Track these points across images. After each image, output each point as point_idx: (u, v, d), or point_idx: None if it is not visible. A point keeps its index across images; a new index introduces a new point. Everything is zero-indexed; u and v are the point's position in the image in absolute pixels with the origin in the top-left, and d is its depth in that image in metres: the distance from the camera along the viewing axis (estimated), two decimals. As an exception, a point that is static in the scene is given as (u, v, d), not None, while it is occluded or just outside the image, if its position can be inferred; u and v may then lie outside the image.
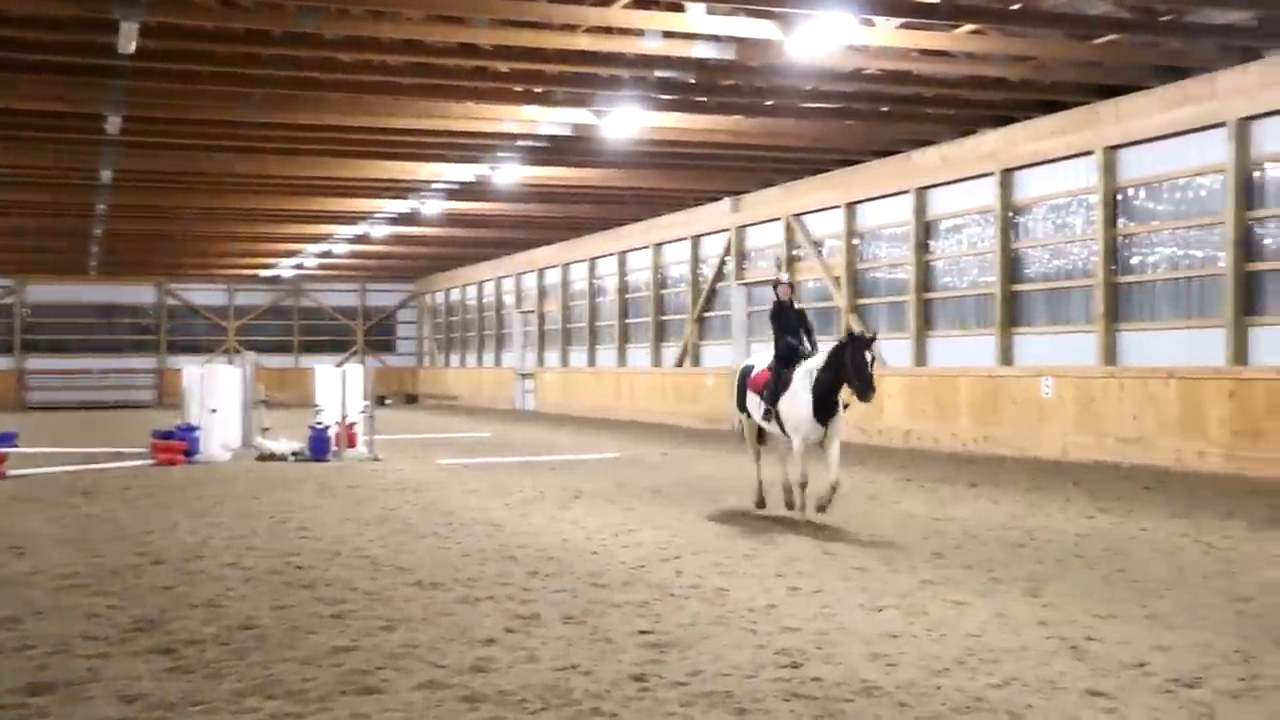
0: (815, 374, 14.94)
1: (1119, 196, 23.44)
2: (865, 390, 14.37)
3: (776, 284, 16.40)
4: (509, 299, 54.30)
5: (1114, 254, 23.44)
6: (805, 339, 15.68)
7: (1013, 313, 25.94)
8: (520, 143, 27.43)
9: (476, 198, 34.97)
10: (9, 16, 18.15)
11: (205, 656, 8.43)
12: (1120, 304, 23.41)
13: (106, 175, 29.97)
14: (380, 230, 42.09)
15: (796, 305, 16.44)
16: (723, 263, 37.02)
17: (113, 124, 23.50)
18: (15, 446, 23.25)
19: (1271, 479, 18.81)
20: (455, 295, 60.80)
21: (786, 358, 15.53)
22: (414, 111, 24.39)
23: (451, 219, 39.38)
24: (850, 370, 14.47)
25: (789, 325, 15.75)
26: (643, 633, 8.97)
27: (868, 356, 14.39)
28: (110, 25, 17.19)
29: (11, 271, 56.07)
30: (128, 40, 17.16)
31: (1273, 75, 20.11)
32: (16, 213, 36.66)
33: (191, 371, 27.23)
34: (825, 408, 14.79)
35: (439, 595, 10.52)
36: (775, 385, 15.44)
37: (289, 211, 38.85)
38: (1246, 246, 20.77)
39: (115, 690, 7.61)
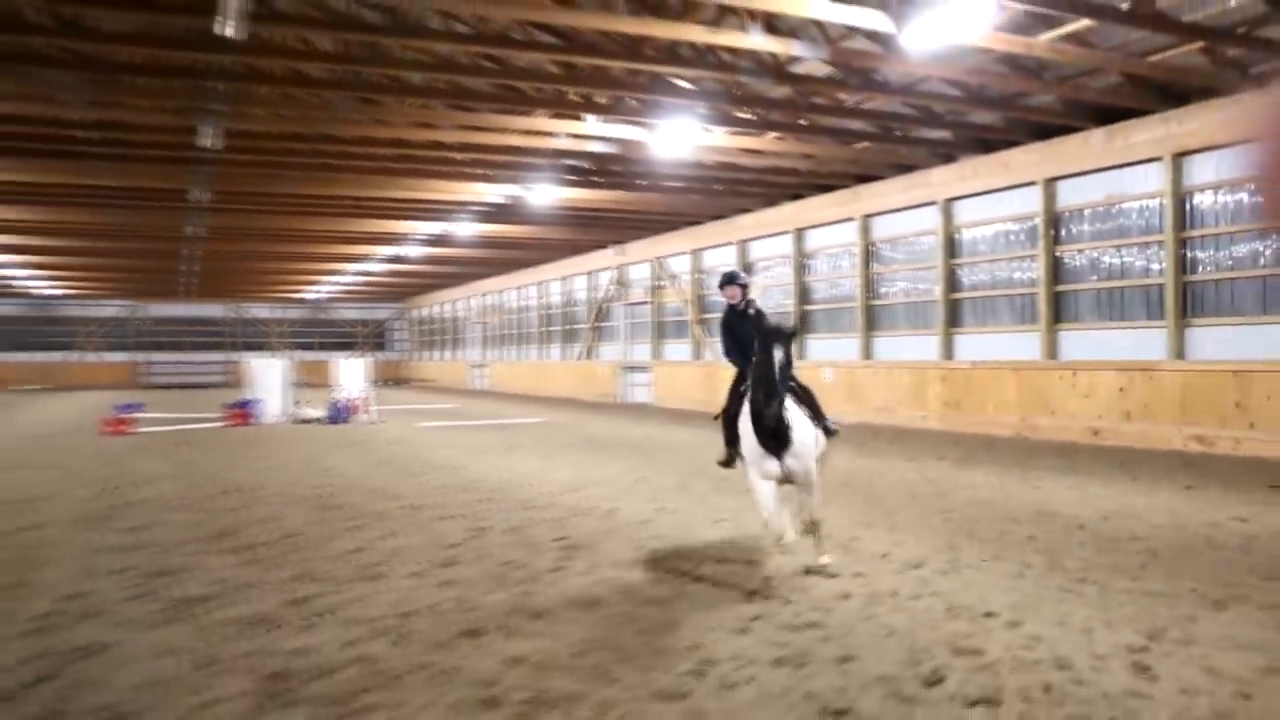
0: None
1: (871, 248, 23.85)
2: (764, 402, 7.34)
3: (723, 284, 8.53)
4: (465, 314, 54.07)
5: (869, 285, 23.83)
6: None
7: (808, 325, 26.26)
8: (471, 208, 27.28)
9: (444, 245, 34.72)
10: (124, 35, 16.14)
11: (264, 554, 8.44)
12: (873, 318, 23.82)
13: (200, 197, 25.48)
14: (379, 267, 41.73)
15: (758, 313, 8.40)
16: (609, 289, 37.08)
17: (206, 136, 18.85)
18: (136, 412, 23.10)
19: (969, 434, 19.30)
20: (431, 310, 60.39)
21: (738, 378, 8.34)
22: (399, 187, 24.18)
23: (428, 258, 39.01)
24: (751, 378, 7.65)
25: (741, 338, 8.22)
26: (558, 539, 9.06)
27: (774, 356, 7.37)
28: (210, 44, 14.60)
29: (133, 296, 55.07)
30: (233, 23, 13.16)
31: (966, 171, 20.67)
32: (131, 235, 33.35)
33: (251, 362, 27.38)
34: (775, 435, 7.49)
35: (421, 514, 10.53)
36: (729, 411, 8.27)
37: (332, 232, 33.59)
38: (952, 281, 21.28)
39: (207, 576, 7.63)
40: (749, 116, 18.69)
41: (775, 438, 7.44)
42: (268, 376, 25.53)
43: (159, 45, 15.96)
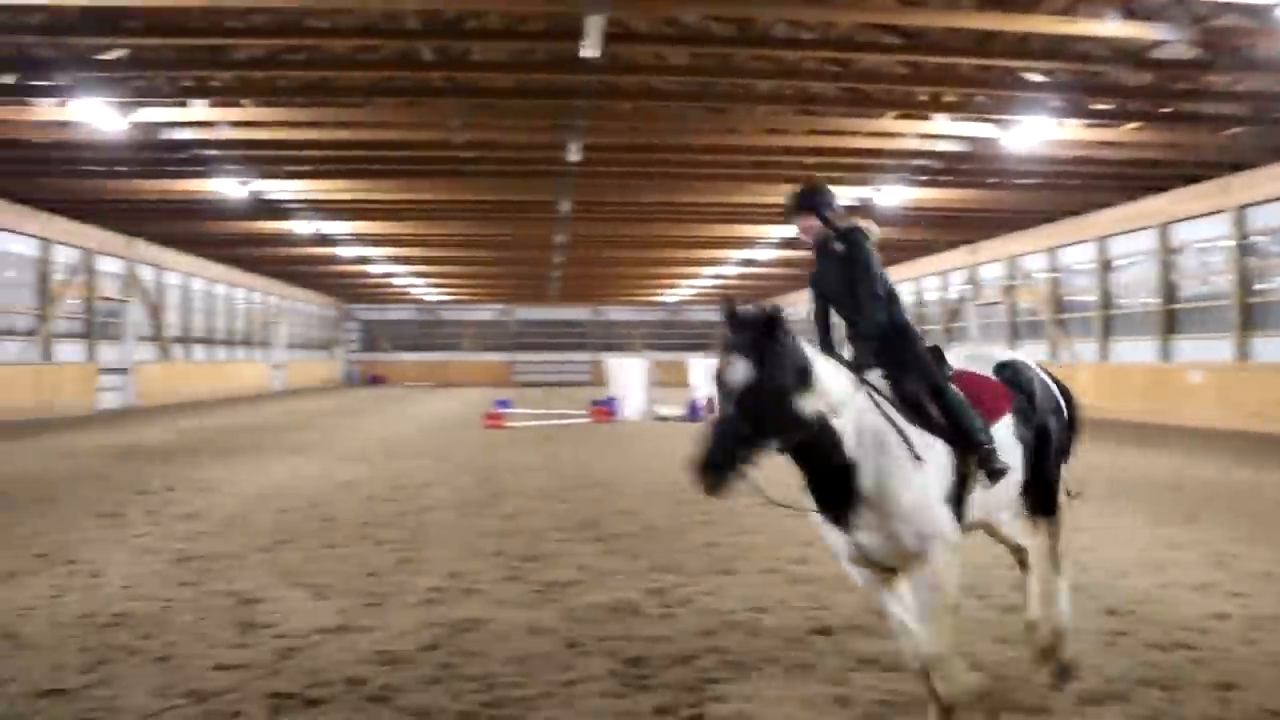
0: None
1: (1246, 242, 21.80)
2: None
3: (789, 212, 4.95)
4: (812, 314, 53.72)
5: (1245, 282, 21.81)
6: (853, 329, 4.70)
7: (1171, 323, 24.39)
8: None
9: (794, 248, 34.44)
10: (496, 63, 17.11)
11: (625, 545, 8.74)
12: (1250, 317, 21.76)
13: (565, 207, 26.39)
14: (732, 270, 42.33)
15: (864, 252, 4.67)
16: (961, 290, 35.89)
17: (571, 151, 19.53)
18: (509, 409, 24.53)
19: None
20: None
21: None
22: (750, 192, 24.42)
23: (779, 261, 38.70)
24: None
25: (828, 293, 4.95)
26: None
27: (779, 359, 3.91)
28: (573, 66, 14.99)
29: (506, 300, 58.90)
30: (593, 45, 13.42)
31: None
32: (503, 245, 35.70)
33: (612, 362, 28.51)
34: (833, 488, 4.24)
35: (772, 511, 10.55)
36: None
37: (686, 238, 33.65)
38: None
39: (573, 562, 8.00)
40: (1106, 107, 17.57)
41: (828, 488, 4.28)
42: (628, 376, 26.47)
43: (528, 70, 16.99)
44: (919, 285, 39.94)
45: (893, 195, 23.75)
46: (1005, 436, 4.65)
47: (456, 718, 4.71)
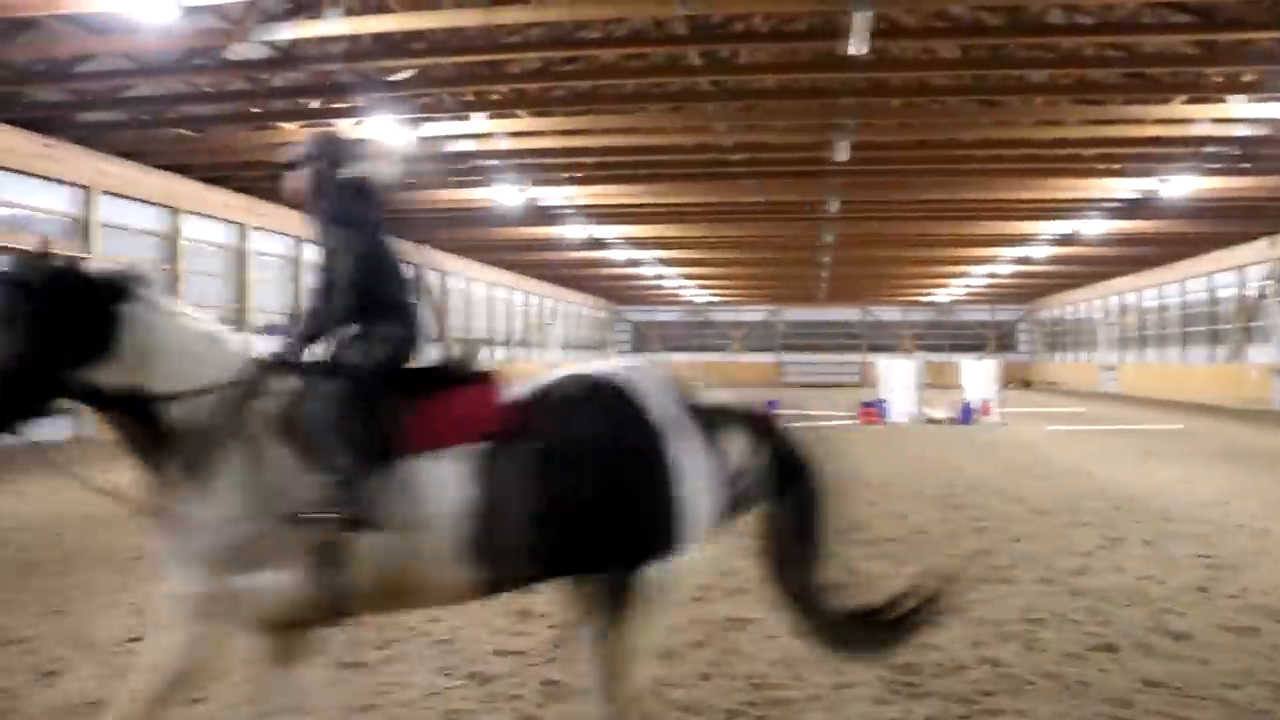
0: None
1: None
2: None
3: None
4: (1095, 314, 50.98)
5: None
6: None
7: None
8: (1101, 205, 25.68)
9: (1072, 244, 32.94)
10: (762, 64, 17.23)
11: (894, 549, 8.57)
12: None
13: (832, 207, 25.98)
14: (1004, 269, 40.79)
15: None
16: (1262, 286, 33.15)
17: (838, 150, 19.22)
18: (777, 409, 24.48)
19: None
20: (1058, 311, 57.80)
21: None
22: (1024, 187, 23.45)
23: (1055, 258, 37.17)
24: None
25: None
26: (1200, 556, 8.26)
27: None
28: (838, 64, 14.89)
29: (773, 301, 59.01)
30: (860, 42, 12.97)
31: None
32: (771, 246, 35.76)
33: (882, 363, 28.06)
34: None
35: (1048, 519, 10.12)
36: None
37: (957, 236, 32.68)
38: None
39: (841, 565, 7.88)
40: None
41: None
42: (897, 377, 25.99)
43: (792, 70, 16.93)
44: (1210, 281, 37.17)
45: (1181, 186, 22.19)
46: (432, 473, 3.43)
47: (724, 716, 4.75)
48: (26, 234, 17.78)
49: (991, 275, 43.85)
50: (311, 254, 22.82)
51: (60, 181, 18.50)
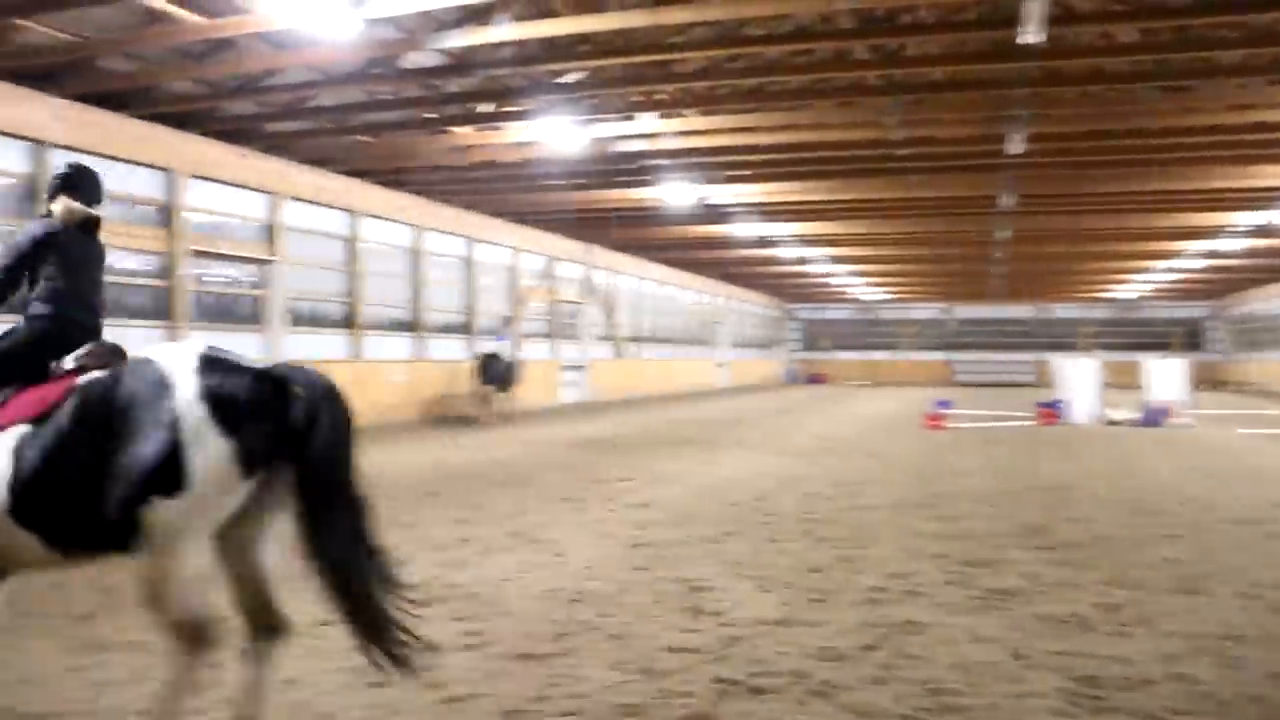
0: None
1: None
2: None
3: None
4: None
5: None
6: None
7: None
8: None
9: (1269, 235, 30.99)
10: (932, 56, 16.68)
11: (1074, 555, 8.23)
12: None
13: (1006, 201, 25.08)
14: (1192, 263, 38.73)
15: None
16: None
17: (1011, 143, 18.56)
18: (949, 409, 23.99)
19: None
20: (1253, 308, 54.57)
21: None
22: (1214, 176, 22.18)
23: (1249, 251, 34.76)
24: None
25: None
26: None
27: None
28: (1011, 53, 14.34)
29: (944, 298, 57.72)
30: (1034, 30, 12.60)
31: None
32: (942, 242, 34.78)
33: (1061, 362, 27.09)
34: None
35: (1248, 530, 9.55)
36: None
37: (1139, 229, 30.83)
38: None
39: (1018, 570, 7.63)
40: None
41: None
42: (1076, 376, 25.06)
43: (963, 61, 16.47)
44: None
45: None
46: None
47: (898, 720, 4.65)
48: (223, 239, 18.78)
49: (1177, 270, 41.77)
50: (483, 253, 23.64)
51: (252, 189, 19.43)
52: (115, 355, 4.36)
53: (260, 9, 13.10)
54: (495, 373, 23.11)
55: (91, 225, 4.93)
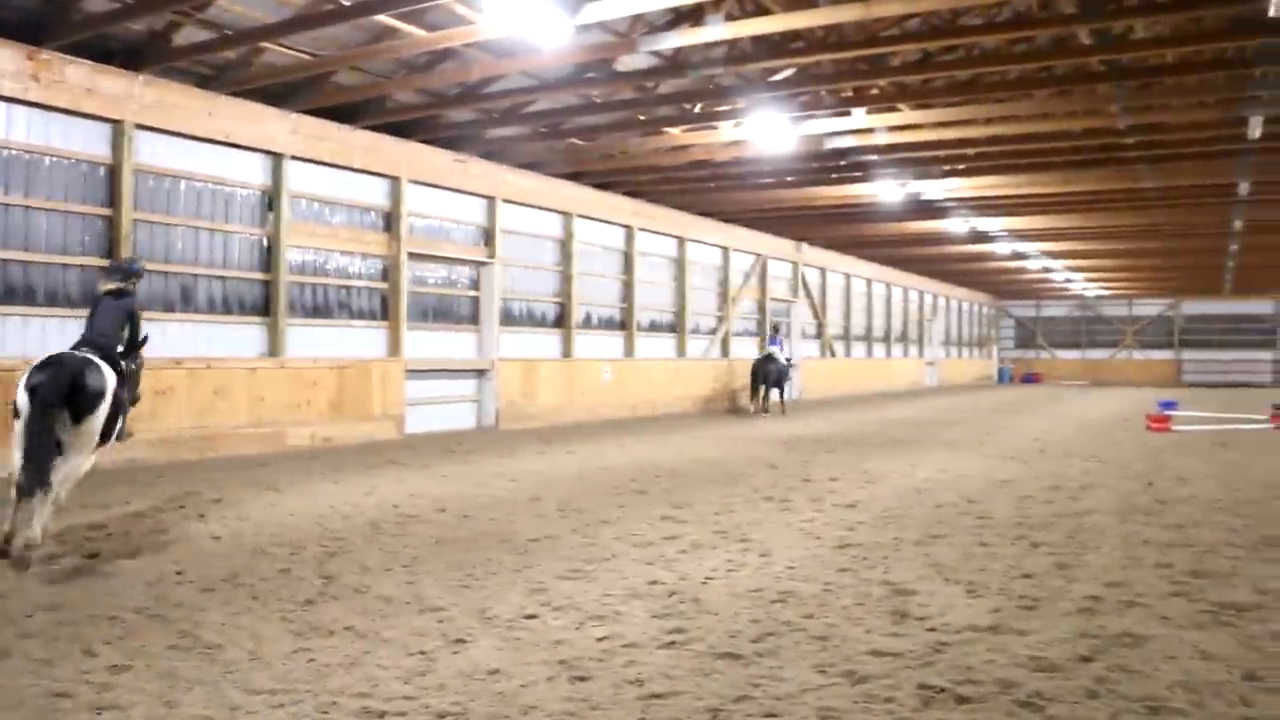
0: None
1: None
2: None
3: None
4: None
5: None
6: None
7: None
8: None
9: None
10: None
11: (1318, 569, 7.64)
12: None
13: (1244, 189, 23.47)
14: None
15: None
16: None
17: (1253, 127, 17.55)
18: (1175, 410, 22.78)
19: None
20: None
21: None
22: None
23: None
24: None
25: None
26: None
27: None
28: (1254, 29, 13.53)
29: (1172, 293, 54.61)
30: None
31: None
32: (1170, 234, 32.53)
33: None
34: None
35: None
36: None
37: None
38: None
39: (1252, 584, 7.13)
40: None
41: None
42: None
43: (1197, 41, 15.46)
44: None
45: None
46: None
47: (1114, 737, 4.42)
48: (444, 241, 19.56)
49: None
50: (694, 254, 23.88)
51: (470, 193, 20.15)
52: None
53: (481, 20, 13.55)
54: (770, 373, 26.04)
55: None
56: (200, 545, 8.30)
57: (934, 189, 24.12)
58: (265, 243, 16.18)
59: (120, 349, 8.06)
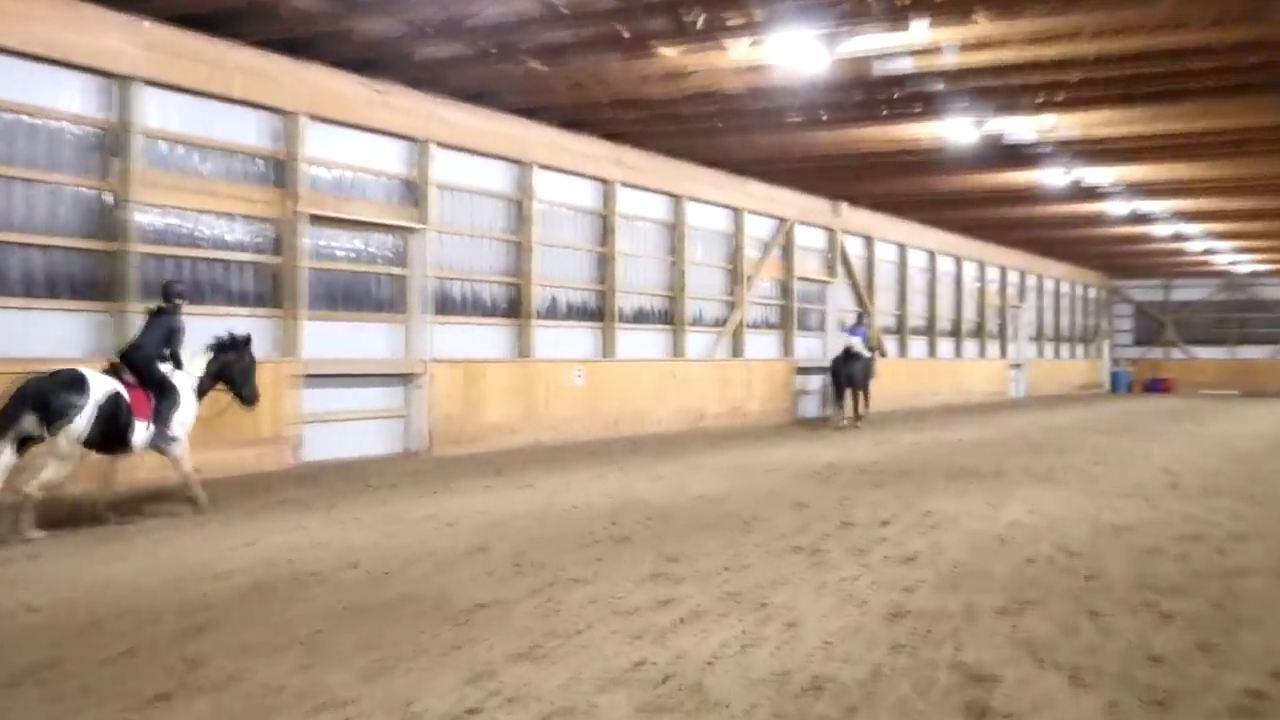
0: None
1: None
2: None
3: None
4: None
5: None
6: None
7: None
8: None
9: None
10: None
11: None
12: None
13: None
14: None
15: None
16: None
17: None
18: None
19: None
20: None
21: None
22: None
23: None
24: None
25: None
26: None
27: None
28: None
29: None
30: None
31: None
32: None
33: None
34: None
35: None
36: None
37: None
38: None
39: None
40: None
41: None
42: None
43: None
44: None
45: None
46: None
47: None
48: (357, 200, 19.50)
49: None
50: (696, 217, 23.77)
51: (392, 134, 20.09)
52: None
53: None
54: (855, 374, 27.74)
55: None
56: (13, 621, 8.23)
57: (1022, 128, 24.11)
58: (106, 199, 16.13)
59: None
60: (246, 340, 13.81)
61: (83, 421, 11.65)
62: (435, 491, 15.36)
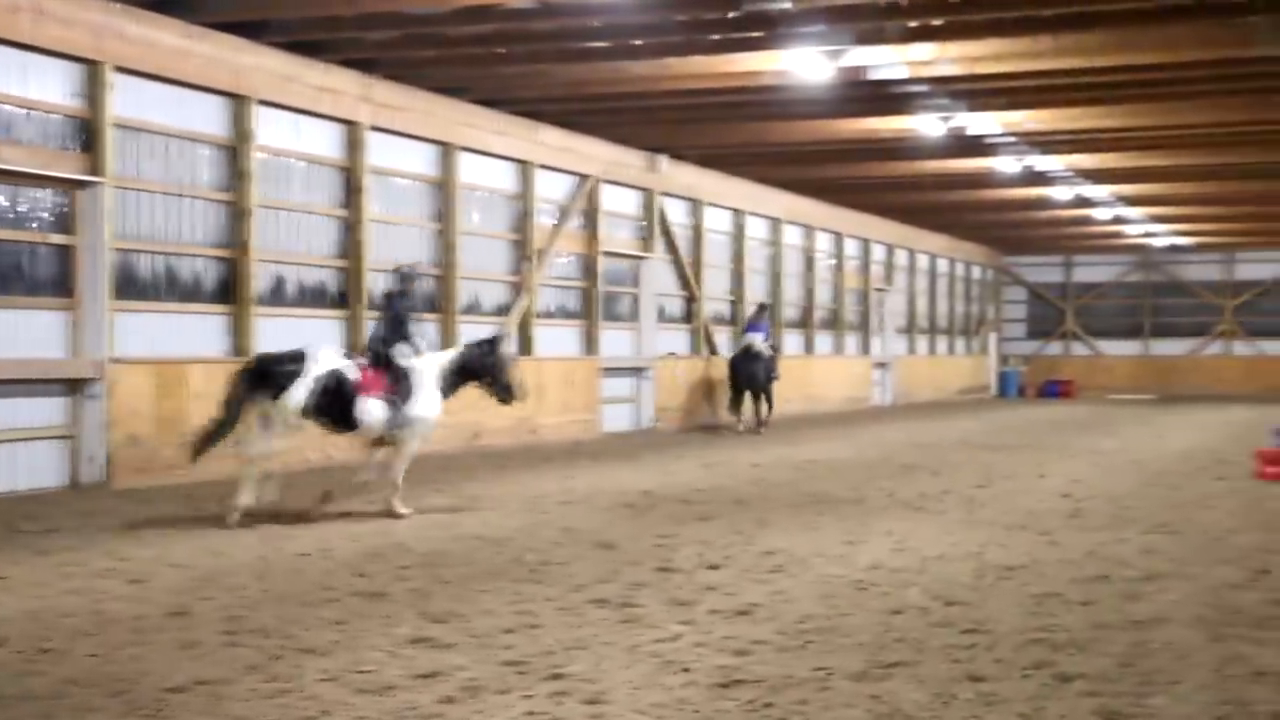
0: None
1: None
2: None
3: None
4: None
5: None
6: None
7: None
8: None
9: None
10: None
11: None
12: None
13: None
14: None
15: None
16: None
17: None
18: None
19: None
20: None
21: None
22: None
23: None
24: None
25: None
26: None
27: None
28: None
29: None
30: None
31: None
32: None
33: None
34: None
35: None
36: None
37: None
38: None
39: None
40: None
41: None
42: None
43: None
44: None
45: None
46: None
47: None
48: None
49: None
50: (470, 172, 23.83)
51: (51, 53, 19.49)
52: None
53: None
54: (756, 374, 30.63)
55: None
56: None
57: (889, 60, 24.42)
58: None
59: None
60: (499, 339, 18.02)
61: (301, 391, 15.54)
62: (117, 539, 14.99)
